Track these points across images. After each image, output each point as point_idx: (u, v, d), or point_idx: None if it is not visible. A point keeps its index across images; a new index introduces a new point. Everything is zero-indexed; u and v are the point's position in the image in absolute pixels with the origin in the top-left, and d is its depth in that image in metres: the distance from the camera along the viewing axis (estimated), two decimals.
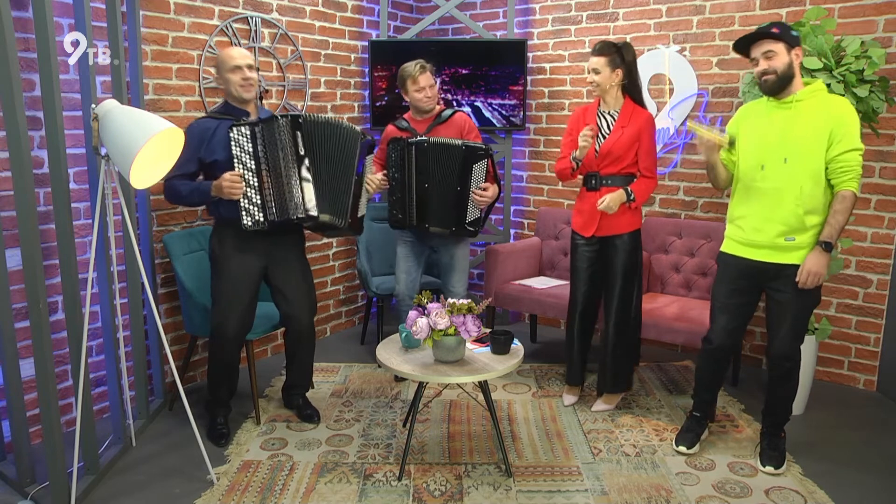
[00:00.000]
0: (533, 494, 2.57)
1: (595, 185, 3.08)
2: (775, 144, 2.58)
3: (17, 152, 2.20)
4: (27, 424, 2.55)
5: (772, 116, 2.61)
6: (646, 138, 3.02)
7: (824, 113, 2.52)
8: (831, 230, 2.52)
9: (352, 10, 4.33)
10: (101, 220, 2.59)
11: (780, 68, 2.51)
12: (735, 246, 2.72)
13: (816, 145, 2.51)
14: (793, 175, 2.54)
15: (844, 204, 2.50)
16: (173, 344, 3.48)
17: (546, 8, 4.41)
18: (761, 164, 2.61)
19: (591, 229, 3.12)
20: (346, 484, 2.63)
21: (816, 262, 2.53)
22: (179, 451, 2.88)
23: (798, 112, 2.55)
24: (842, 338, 3.66)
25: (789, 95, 2.57)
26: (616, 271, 3.11)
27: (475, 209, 3.27)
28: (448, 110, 3.43)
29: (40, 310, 2.28)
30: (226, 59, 2.80)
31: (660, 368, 3.87)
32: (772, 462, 2.74)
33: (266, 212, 2.76)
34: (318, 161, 2.81)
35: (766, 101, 2.66)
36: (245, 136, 2.72)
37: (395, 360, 2.70)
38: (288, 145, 2.75)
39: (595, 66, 2.97)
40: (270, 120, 2.74)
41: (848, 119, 2.50)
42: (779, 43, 2.50)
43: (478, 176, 3.24)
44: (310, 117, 2.81)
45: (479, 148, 3.22)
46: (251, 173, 2.73)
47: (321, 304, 4.35)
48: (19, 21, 2.67)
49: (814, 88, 2.57)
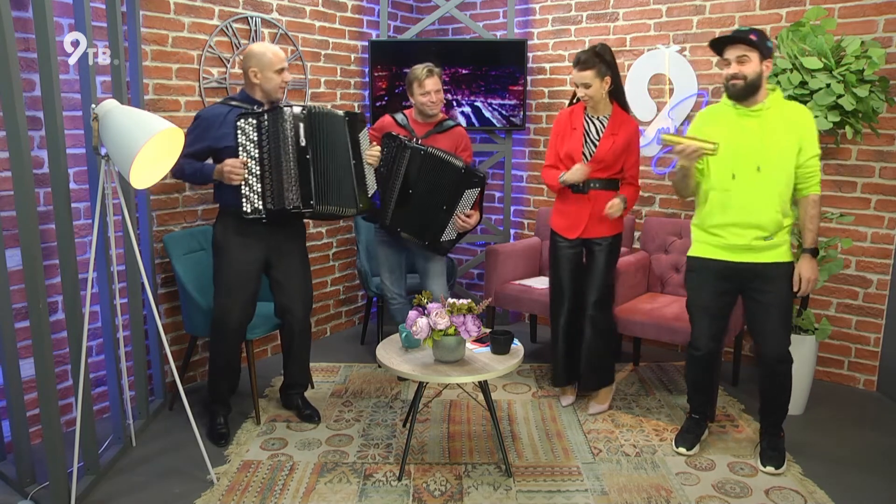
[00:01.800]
0: (533, 494, 2.57)
1: (583, 189, 3.08)
2: (748, 153, 2.59)
3: (17, 152, 2.20)
4: (27, 424, 2.55)
5: (741, 125, 2.61)
6: (634, 147, 3.07)
7: (790, 121, 2.58)
8: (813, 235, 2.64)
9: (352, 10, 4.33)
10: (101, 220, 2.59)
11: (750, 75, 2.52)
12: (711, 250, 2.73)
13: (788, 152, 2.57)
14: (768, 182, 2.57)
15: (817, 208, 2.64)
16: (173, 344, 3.48)
17: (546, 8, 4.41)
18: (732, 172, 2.61)
19: (576, 231, 3.12)
20: (346, 484, 2.63)
21: (811, 269, 2.62)
22: (179, 451, 2.88)
23: (766, 120, 2.58)
24: (842, 338, 3.66)
25: (756, 104, 2.59)
26: (597, 272, 3.14)
27: (452, 231, 3.24)
28: (450, 122, 3.40)
29: (40, 310, 2.28)
30: (273, 60, 2.83)
31: (660, 368, 3.87)
32: (772, 462, 2.74)
33: (265, 200, 2.79)
34: (318, 151, 2.83)
35: (731, 108, 2.65)
36: (251, 125, 2.76)
37: (395, 360, 2.70)
38: (290, 136, 2.78)
39: (585, 81, 2.94)
40: (275, 111, 2.77)
41: (812, 126, 2.61)
42: (754, 50, 2.51)
43: (466, 201, 3.20)
44: (314, 109, 2.84)
45: (477, 175, 3.19)
46: (254, 161, 2.77)
47: (321, 304, 4.35)
48: (19, 21, 2.67)
49: (776, 96, 2.61)
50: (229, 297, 2.89)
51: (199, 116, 2.86)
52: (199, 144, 2.85)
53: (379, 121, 3.46)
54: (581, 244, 3.17)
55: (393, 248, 3.50)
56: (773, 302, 2.64)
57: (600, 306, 3.16)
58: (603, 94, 2.99)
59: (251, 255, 2.92)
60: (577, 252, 3.18)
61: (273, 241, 2.96)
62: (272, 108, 2.79)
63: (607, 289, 3.18)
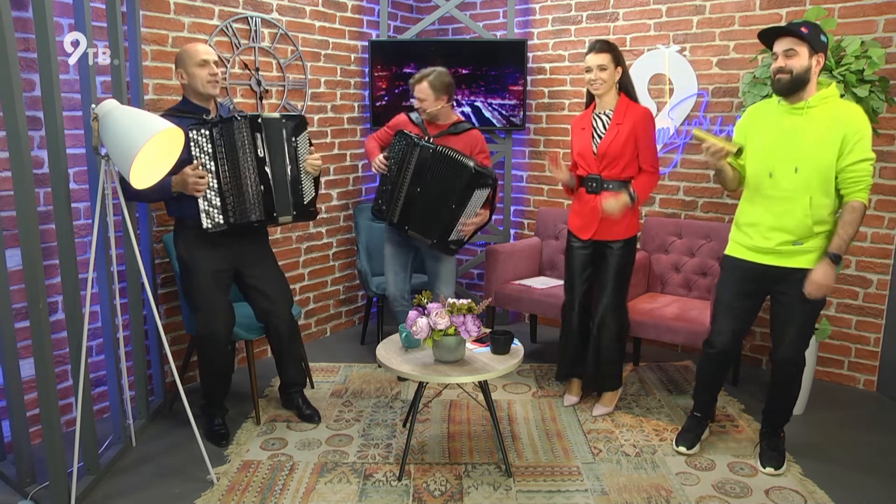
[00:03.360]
0: (533, 494, 2.57)
1: (595, 189, 3.07)
2: (786, 152, 2.51)
3: (17, 152, 2.20)
4: (27, 424, 2.55)
5: (782, 122, 2.54)
6: (643, 133, 3.00)
7: (836, 120, 2.44)
8: (840, 242, 2.46)
9: (352, 10, 4.33)
10: (101, 220, 2.59)
11: (797, 70, 2.42)
12: (741, 250, 2.69)
13: (828, 154, 2.44)
14: (803, 185, 2.48)
15: (854, 215, 2.44)
16: (173, 344, 3.48)
17: (546, 8, 4.41)
18: (770, 171, 2.55)
19: (588, 232, 3.12)
20: (346, 484, 2.63)
21: (825, 275, 2.47)
22: (179, 451, 2.88)
23: (810, 119, 2.48)
24: (842, 338, 3.66)
25: (801, 101, 2.48)
26: (610, 274, 3.12)
27: (460, 232, 3.24)
28: (465, 124, 3.37)
29: (40, 310, 2.28)
30: (192, 54, 2.75)
31: (660, 368, 3.87)
32: (772, 462, 2.74)
33: (227, 214, 2.74)
34: (275, 160, 2.80)
35: (776, 105, 2.58)
36: (204, 137, 2.69)
37: (395, 360, 2.70)
38: (248, 147, 2.73)
39: (602, 63, 2.94)
40: (229, 121, 2.71)
41: (862, 128, 2.43)
42: (803, 44, 2.42)
43: (476, 201, 3.19)
44: (267, 117, 2.78)
45: (488, 176, 3.16)
46: (210, 175, 2.70)
47: (321, 304, 4.36)
48: (19, 21, 2.67)
49: (826, 94, 2.48)
50: (211, 309, 2.83)
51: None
52: None
53: (394, 118, 3.45)
54: (593, 245, 3.15)
55: (401, 248, 3.49)
56: (795, 306, 2.58)
57: (612, 310, 3.13)
58: (614, 82, 2.99)
59: (220, 265, 2.87)
60: (589, 253, 3.17)
61: (238, 249, 2.92)
62: (224, 118, 2.72)
63: (619, 293, 3.14)
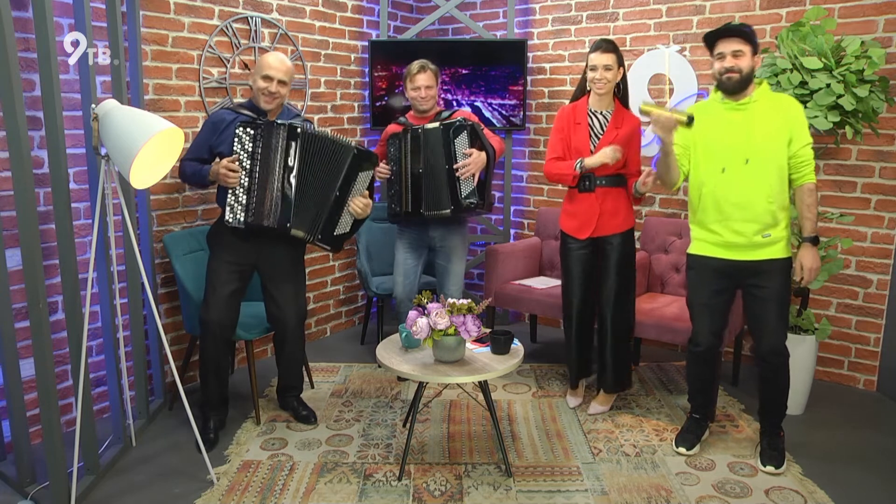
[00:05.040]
0: (533, 494, 2.57)
1: (590, 187, 3.07)
2: (736, 146, 2.61)
3: (17, 152, 2.20)
4: (27, 424, 2.55)
5: (729, 118, 2.65)
6: (635, 141, 3.09)
7: (779, 111, 2.60)
8: (811, 224, 2.64)
9: (352, 10, 4.33)
10: (101, 220, 2.59)
11: (745, 69, 2.57)
12: (709, 248, 2.74)
13: (778, 143, 2.59)
14: (758, 175, 2.59)
15: (813, 197, 2.64)
16: (173, 344, 3.48)
17: (546, 8, 4.41)
18: (722, 166, 2.64)
19: (587, 231, 3.11)
20: (346, 484, 2.63)
21: (812, 258, 2.63)
22: (179, 451, 2.88)
23: (754, 113, 2.61)
24: (842, 338, 3.66)
25: (745, 97, 2.62)
26: (611, 270, 3.11)
27: (468, 182, 3.23)
28: (447, 111, 3.43)
29: (40, 310, 2.28)
30: (262, 65, 2.86)
31: (660, 368, 3.87)
32: (772, 462, 2.74)
33: (247, 213, 2.79)
34: (305, 174, 2.83)
35: (718, 104, 2.68)
36: (248, 135, 2.77)
37: (395, 360, 2.70)
38: (280, 153, 2.78)
39: (608, 63, 2.95)
40: (271, 125, 2.78)
41: (801, 116, 2.62)
42: (748, 44, 2.55)
43: (461, 147, 3.21)
44: (308, 129, 2.83)
45: (456, 121, 3.22)
46: (245, 172, 2.78)
47: (321, 304, 4.36)
48: (19, 21, 2.67)
49: (764, 89, 2.64)
50: (212, 294, 2.89)
51: (207, 119, 2.92)
52: (202, 146, 2.89)
53: (384, 132, 3.49)
54: (592, 244, 3.15)
55: (414, 250, 3.51)
56: (771, 297, 2.66)
57: (620, 307, 3.13)
58: (615, 84, 3.02)
59: (236, 257, 2.91)
60: (588, 253, 3.15)
61: (262, 250, 2.95)
62: (268, 121, 2.79)
63: (626, 287, 3.14)
